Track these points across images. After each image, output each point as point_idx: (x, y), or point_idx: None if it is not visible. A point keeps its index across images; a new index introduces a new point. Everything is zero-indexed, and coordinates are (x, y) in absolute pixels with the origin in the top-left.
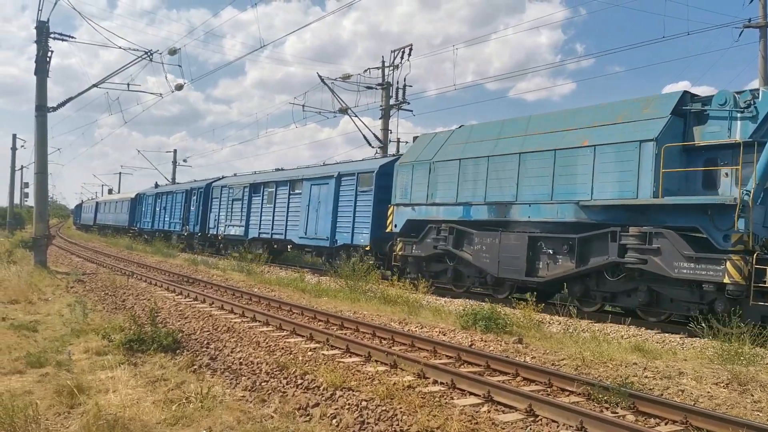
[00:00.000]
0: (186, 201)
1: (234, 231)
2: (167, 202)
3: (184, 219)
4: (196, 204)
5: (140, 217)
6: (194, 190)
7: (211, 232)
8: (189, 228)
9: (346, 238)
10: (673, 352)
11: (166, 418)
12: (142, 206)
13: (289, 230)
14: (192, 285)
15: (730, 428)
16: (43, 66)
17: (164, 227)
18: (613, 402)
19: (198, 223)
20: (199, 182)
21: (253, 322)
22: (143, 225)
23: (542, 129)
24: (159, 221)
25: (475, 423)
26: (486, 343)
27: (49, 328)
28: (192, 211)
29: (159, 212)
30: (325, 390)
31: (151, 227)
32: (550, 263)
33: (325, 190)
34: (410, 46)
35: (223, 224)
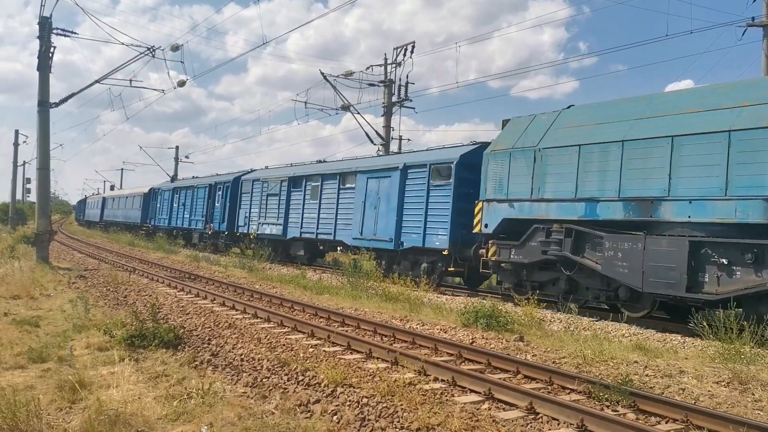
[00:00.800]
0: (209, 196)
1: (270, 230)
2: (187, 197)
3: (207, 216)
4: (222, 200)
5: (155, 214)
6: (219, 184)
7: (240, 231)
8: (214, 226)
9: (415, 240)
10: (674, 351)
11: (168, 413)
12: (157, 202)
13: (340, 230)
14: (193, 281)
15: (731, 427)
16: (45, 62)
17: (183, 225)
18: (613, 400)
19: (224, 220)
20: (225, 176)
21: (255, 319)
22: (158, 222)
23: (702, 106)
24: (177, 218)
25: (476, 420)
26: (487, 340)
27: (51, 323)
28: (217, 207)
29: (177, 209)
30: (326, 387)
31: (168, 224)
32: (723, 276)
33: (387, 183)
34: (413, 43)
35: (255, 222)
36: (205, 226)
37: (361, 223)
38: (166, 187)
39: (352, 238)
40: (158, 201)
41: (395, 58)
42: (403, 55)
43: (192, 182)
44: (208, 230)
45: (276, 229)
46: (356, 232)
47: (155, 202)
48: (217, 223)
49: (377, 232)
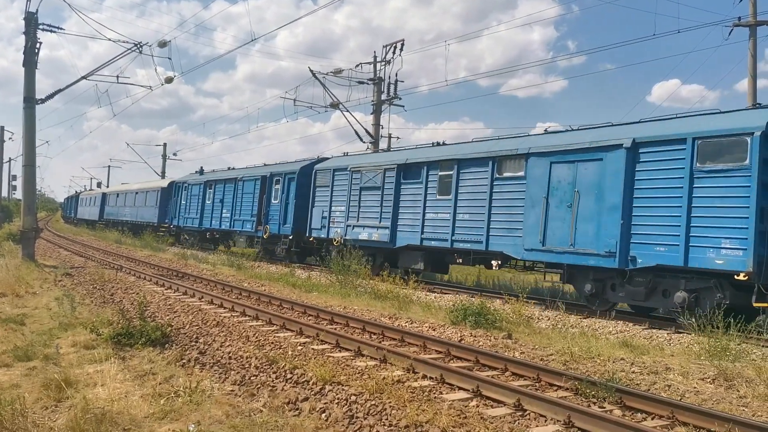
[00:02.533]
0: (263, 191)
1: (367, 234)
2: (227, 192)
3: (260, 216)
4: (282, 195)
5: (177, 213)
6: (278, 176)
7: (316, 235)
8: (270, 228)
9: (664, 255)
10: (660, 348)
11: (155, 412)
12: (180, 198)
13: (498, 237)
14: (181, 279)
15: (716, 423)
16: (31, 57)
17: (222, 226)
18: (600, 397)
19: (285, 221)
20: (286, 165)
21: (243, 317)
22: (184, 222)
23: None
24: (213, 218)
25: (464, 417)
26: (475, 338)
27: (37, 321)
28: (274, 204)
29: (212, 206)
30: (315, 384)
31: (199, 225)
32: None
33: (595, 170)
34: (402, 41)
35: (340, 224)
36: (256, 228)
37: (541, 227)
38: (194, 180)
39: (524, 249)
40: (182, 197)
41: (384, 56)
42: (392, 52)
43: (233, 174)
44: (261, 233)
45: (378, 234)
46: (532, 240)
47: (177, 198)
48: (276, 224)
49: (577, 241)
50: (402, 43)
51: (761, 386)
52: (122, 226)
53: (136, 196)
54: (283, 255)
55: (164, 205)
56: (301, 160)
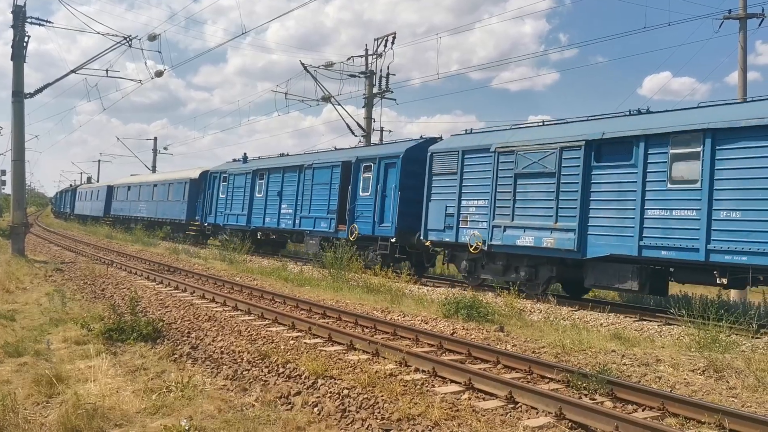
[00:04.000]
0: (346, 180)
1: (533, 240)
2: (287, 183)
3: (341, 212)
4: (378, 185)
5: (213, 208)
6: (369, 160)
7: (435, 238)
8: (359, 228)
9: None
10: (650, 340)
11: (146, 407)
12: (216, 191)
13: None
14: (173, 274)
15: (706, 414)
16: (19, 51)
17: (282, 225)
18: (591, 389)
19: (387, 219)
20: (380, 147)
21: (235, 311)
22: (224, 220)
23: None
24: (266, 215)
25: (456, 410)
26: (468, 331)
27: (28, 317)
28: (364, 198)
29: (264, 201)
30: (307, 378)
31: (248, 223)
32: None
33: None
34: (393, 34)
35: (481, 224)
36: (335, 228)
37: None
38: (237, 169)
39: None
40: (219, 189)
41: (376, 49)
42: (384, 46)
43: (296, 160)
44: (345, 234)
45: (554, 239)
46: None
47: (211, 191)
48: (368, 223)
49: None
50: (393, 36)
51: (750, 377)
52: (136, 224)
53: (154, 189)
54: (377, 261)
55: (193, 199)
56: (403, 140)
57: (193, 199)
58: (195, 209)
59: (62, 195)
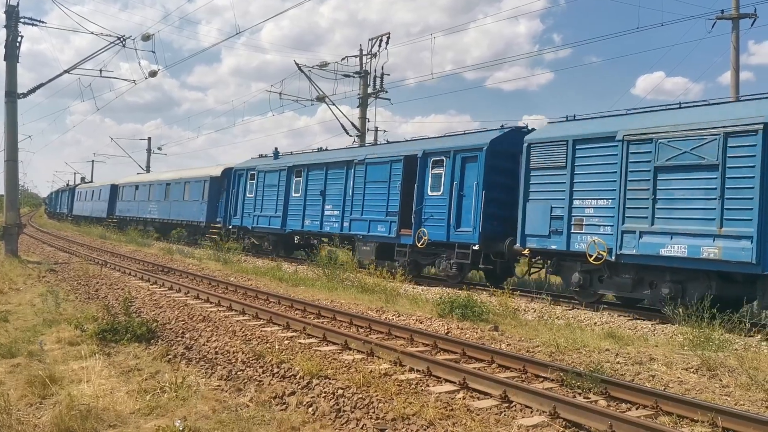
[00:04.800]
0: (409, 178)
1: (685, 248)
2: (331, 181)
3: (403, 214)
4: (453, 183)
5: (239, 209)
6: (441, 154)
7: (538, 245)
8: (429, 233)
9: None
10: (644, 339)
11: (140, 407)
12: (242, 190)
13: None
14: (167, 274)
15: (699, 412)
16: (12, 51)
17: (326, 228)
18: (585, 387)
19: (467, 223)
20: (453, 138)
21: (229, 312)
22: (253, 222)
23: None
24: (306, 217)
25: (451, 410)
26: (462, 330)
27: (21, 318)
28: (434, 198)
29: (303, 201)
30: (302, 378)
31: (282, 226)
32: None
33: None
34: (388, 34)
35: (603, 228)
36: (397, 232)
37: None
38: (268, 166)
39: None
40: (245, 188)
41: (370, 49)
42: (378, 46)
43: (342, 155)
44: (411, 240)
45: (720, 247)
46: None
47: (235, 189)
48: (440, 227)
49: None
50: (388, 36)
51: (743, 376)
52: (145, 226)
53: (168, 188)
54: (453, 273)
55: (214, 199)
56: (481, 130)
57: (214, 199)
58: (216, 210)
59: (58, 195)
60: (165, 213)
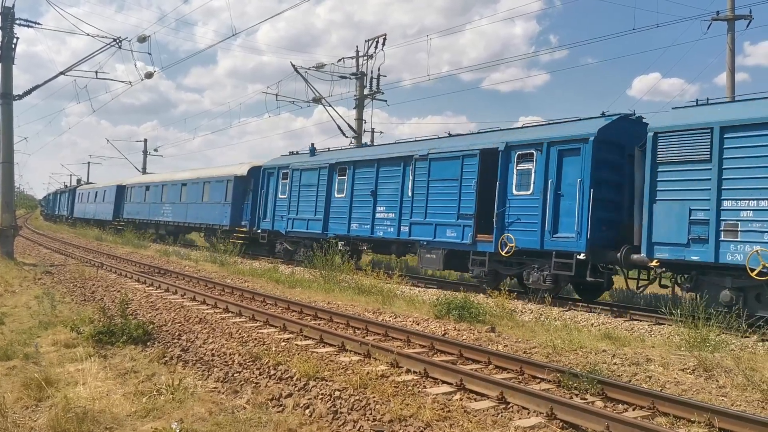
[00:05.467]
0: (490, 174)
1: None
2: (384, 179)
3: (483, 218)
4: (545, 181)
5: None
6: (527, 147)
7: (673, 256)
8: (516, 239)
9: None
10: (641, 339)
11: (137, 410)
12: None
13: None
14: (163, 276)
15: (696, 413)
16: (8, 53)
17: (378, 233)
18: (582, 389)
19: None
20: (543, 129)
21: (226, 313)
22: (287, 226)
23: None
24: (353, 220)
25: (448, 411)
26: (459, 332)
27: (17, 320)
28: (520, 198)
29: (349, 201)
30: (299, 380)
31: (324, 230)
32: None
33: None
34: (384, 35)
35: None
36: (472, 238)
37: None
38: (304, 164)
39: None
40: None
41: (367, 51)
42: (374, 47)
43: (396, 150)
44: (492, 247)
45: None
46: None
47: (264, 190)
48: (532, 232)
49: None
50: (384, 37)
51: (740, 376)
52: (157, 229)
53: (183, 189)
54: (547, 286)
55: (239, 200)
56: (578, 119)
57: (239, 201)
58: (241, 212)
59: (56, 197)
60: (181, 215)
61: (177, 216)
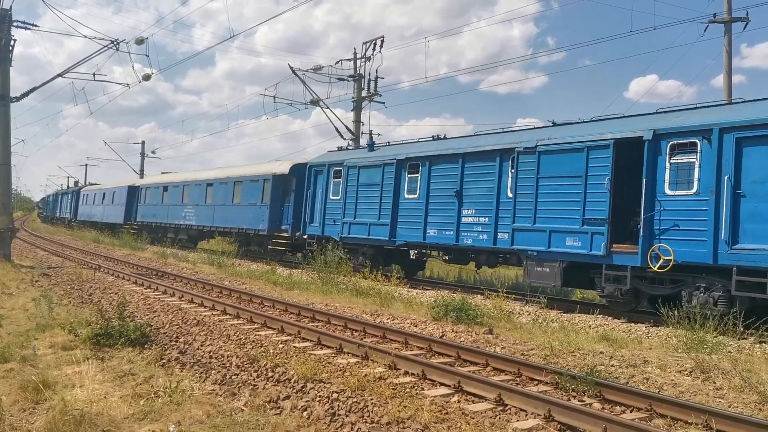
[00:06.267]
0: (626, 170)
1: None
2: (470, 177)
3: (623, 224)
4: (721, 175)
5: (319, 214)
6: (701, 133)
7: None
8: (674, 251)
9: None
10: (638, 341)
11: (134, 412)
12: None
13: None
14: (161, 278)
15: (693, 415)
16: (5, 55)
17: (466, 241)
18: (580, 390)
19: (755, 239)
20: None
21: (224, 315)
22: (343, 232)
23: None
24: (430, 225)
25: (446, 413)
26: (457, 333)
27: (14, 322)
28: (673, 200)
29: (425, 204)
30: (296, 382)
31: (391, 237)
32: None
33: None
34: (382, 37)
35: None
36: (607, 249)
37: None
38: (363, 160)
39: None
40: (328, 189)
41: (365, 53)
42: (372, 49)
43: (489, 142)
44: (646, 260)
45: None
46: None
47: (311, 190)
48: (697, 243)
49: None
50: (382, 39)
51: (737, 378)
52: (177, 234)
53: (209, 189)
54: (721, 310)
55: (278, 202)
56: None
57: (278, 203)
58: (281, 216)
59: (57, 198)
60: (206, 219)
61: (201, 219)
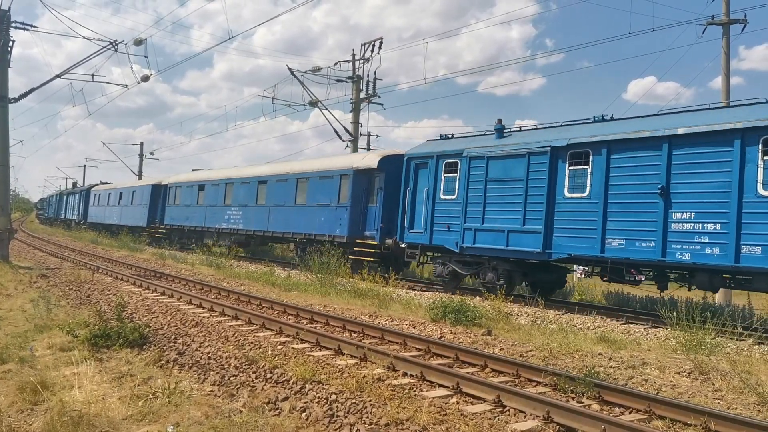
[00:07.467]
0: None
1: None
2: (678, 168)
3: None
4: None
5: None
6: None
7: None
8: None
9: None
10: (637, 343)
11: (133, 414)
12: (420, 187)
13: None
14: (159, 279)
15: (692, 416)
16: (3, 56)
17: (683, 256)
18: (579, 392)
19: None
20: None
21: (222, 317)
22: (465, 240)
23: None
24: (610, 233)
25: (444, 414)
26: (455, 335)
27: (12, 324)
28: None
29: (603, 206)
30: (295, 384)
31: (545, 248)
32: None
33: None
34: (380, 39)
35: None
36: None
37: None
38: (489, 150)
39: None
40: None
41: (363, 54)
42: (371, 51)
43: (691, 121)
44: None
45: None
46: None
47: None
48: None
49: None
50: (380, 41)
51: (735, 379)
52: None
53: (262, 187)
54: None
55: (360, 202)
56: None
57: (360, 203)
58: (364, 219)
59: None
60: (258, 222)
61: (252, 223)
